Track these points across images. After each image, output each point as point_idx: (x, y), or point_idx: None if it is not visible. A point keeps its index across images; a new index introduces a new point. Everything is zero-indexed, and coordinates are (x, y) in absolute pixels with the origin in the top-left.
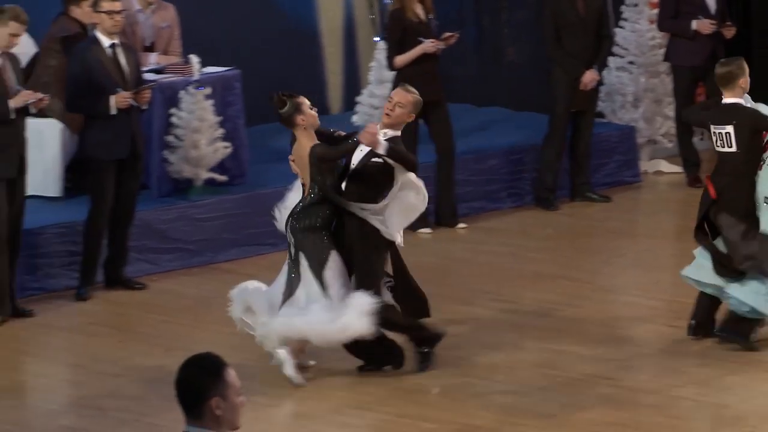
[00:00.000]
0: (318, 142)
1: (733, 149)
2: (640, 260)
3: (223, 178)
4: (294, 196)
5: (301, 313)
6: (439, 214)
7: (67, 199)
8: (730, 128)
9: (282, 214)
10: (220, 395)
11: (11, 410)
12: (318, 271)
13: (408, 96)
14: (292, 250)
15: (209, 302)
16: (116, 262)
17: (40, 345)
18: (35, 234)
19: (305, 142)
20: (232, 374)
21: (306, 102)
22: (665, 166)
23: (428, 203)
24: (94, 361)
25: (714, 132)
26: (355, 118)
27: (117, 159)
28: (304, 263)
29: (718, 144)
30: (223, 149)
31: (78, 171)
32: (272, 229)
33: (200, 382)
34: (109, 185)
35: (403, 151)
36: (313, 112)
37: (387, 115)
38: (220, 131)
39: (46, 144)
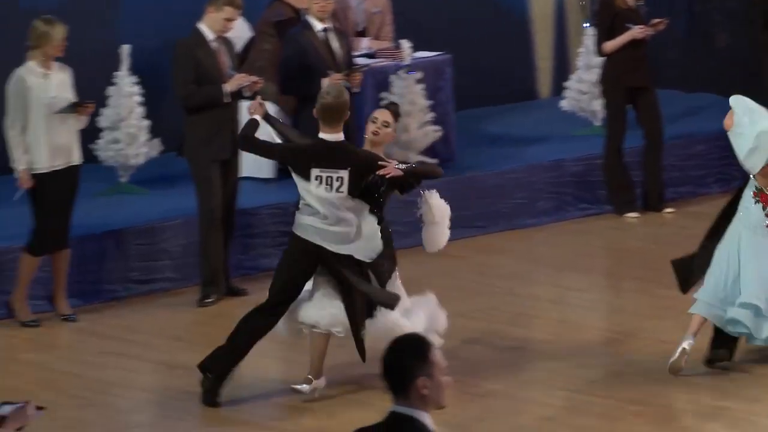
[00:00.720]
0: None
1: None
2: None
3: (432, 161)
4: None
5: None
6: (647, 198)
7: (280, 181)
8: None
9: None
10: (426, 375)
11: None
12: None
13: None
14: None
15: (418, 282)
16: None
17: None
18: (249, 214)
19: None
20: (437, 354)
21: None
22: None
23: (636, 188)
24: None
25: None
26: (563, 103)
27: None
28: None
29: None
30: (433, 133)
31: None
32: (482, 212)
33: (407, 363)
34: None
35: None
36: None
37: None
38: (430, 115)
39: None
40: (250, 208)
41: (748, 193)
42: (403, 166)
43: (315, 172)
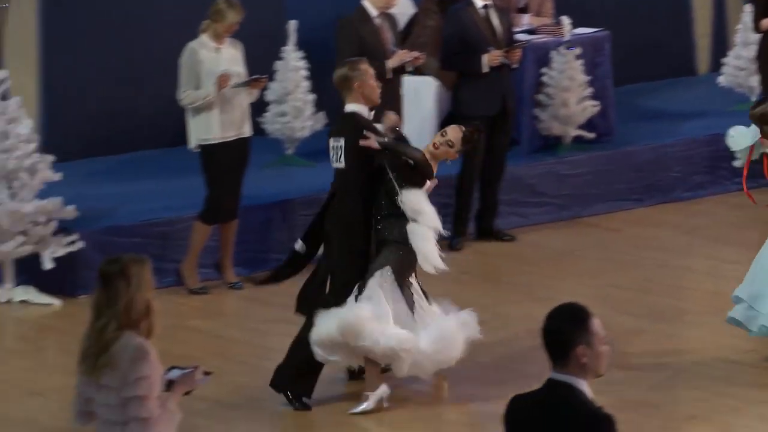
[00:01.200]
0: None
1: None
2: None
3: (591, 135)
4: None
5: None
6: None
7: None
8: None
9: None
10: (585, 343)
11: None
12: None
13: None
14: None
15: (573, 254)
16: (487, 214)
17: None
18: None
19: None
20: (597, 323)
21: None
22: None
23: None
24: (463, 307)
25: None
26: (720, 79)
27: (488, 115)
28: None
29: None
30: (592, 108)
31: None
32: (638, 185)
33: (567, 331)
34: (480, 141)
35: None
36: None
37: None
38: (589, 90)
39: (421, 100)
40: None
41: None
42: (383, 140)
43: (330, 142)
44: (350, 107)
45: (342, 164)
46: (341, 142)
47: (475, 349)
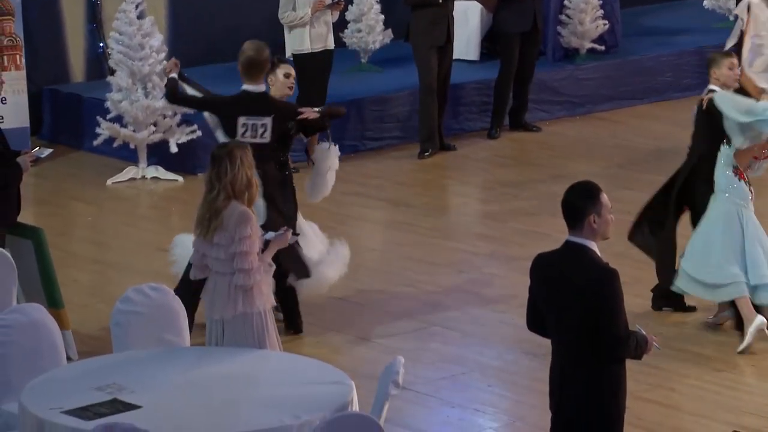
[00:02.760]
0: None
1: None
2: None
3: (601, 48)
4: None
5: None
6: None
7: (483, 62)
8: None
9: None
10: (596, 213)
11: (437, 220)
12: None
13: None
14: None
15: (587, 142)
16: (519, 110)
17: (459, 171)
18: (458, 88)
19: None
20: (605, 197)
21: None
22: None
23: None
24: (500, 185)
25: None
26: (705, 3)
27: (522, 31)
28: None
29: None
30: (602, 25)
31: (492, 40)
32: (639, 87)
33: (581, 203)
34: (515, 52)
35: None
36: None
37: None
38: (600, 11)
39: (468, 20)
40: (459, 83)
41: (726, 173)
42: (317, 110)
43: (242, 120)
44: (261, 88)
45: (266, 140)
46: (266, 120)
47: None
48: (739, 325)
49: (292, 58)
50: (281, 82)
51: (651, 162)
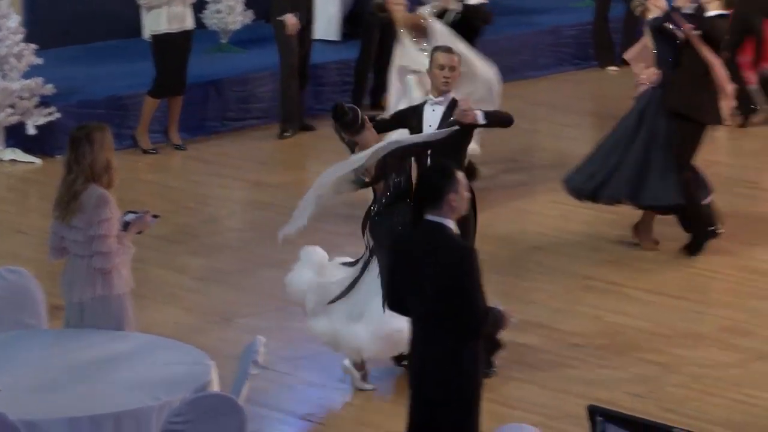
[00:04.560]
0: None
1: None
2: None
3: None
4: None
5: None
6: None
7: (344, 43)
8: None
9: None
10: (454, 191)
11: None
12: None
13: (454, 57)
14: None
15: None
16: (379, 90)
17: (320, 151)
18: (319, 68)
19: (372, 140)
20: (460, 174)
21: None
22: None
23: (616, 47)
24: None
25: None
26: None
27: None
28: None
29: None
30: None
31: (353, 22)
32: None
33: (441, 182)
34: (375, 33)
35: (493, 111)
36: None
37: (447, 83)
38: None
39: (329, 0)
40: (320, 64)
41: None
42: (482, 115)
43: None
44: None
45: None
46: None
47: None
48: None
49: (150, 39)
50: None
51: (506, 140)
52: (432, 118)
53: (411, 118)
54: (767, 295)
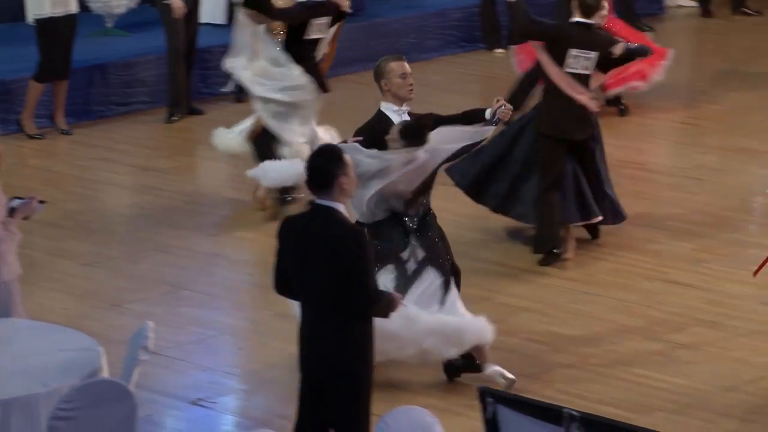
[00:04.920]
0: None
1: None
2: None
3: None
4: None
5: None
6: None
7: (231, 26)
8: None
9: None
10: (344, 174)
11: (187, 183)
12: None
13: (405, 62)
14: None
15: (335, 104)
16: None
17: (208, 135)
18: (206, 52)
19: None
20: (348, 157)
21: None
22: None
23: (503, 29)
24: None
25: None
26: None
27: None
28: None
29: None
30: None
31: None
32: (385, 49)
33: (330, 166)
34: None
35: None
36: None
37: (411, 90)
38: None
39: None
40: (207, 47)
41: None
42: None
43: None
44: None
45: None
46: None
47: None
48: None
49: (34, 24)
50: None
51: None
52: None
53: (381, 134)
54: (657, 276)
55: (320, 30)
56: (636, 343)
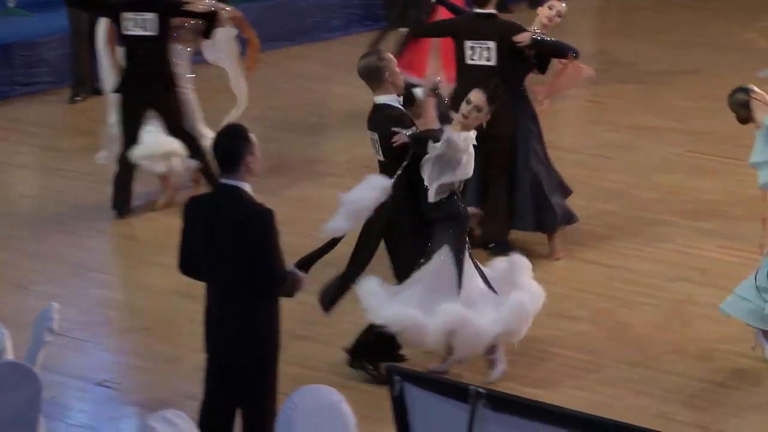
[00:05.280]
0: None
1: None
2: None
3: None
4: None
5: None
6: None
7: None
8: None
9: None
10: (250, 153)
11: (92, 163)
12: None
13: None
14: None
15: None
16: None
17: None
18: None
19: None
20: (253, 135)
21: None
22: None
23: None
24: None
25: None
26: None
27: None
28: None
29: None
30: None
31: None
32: (290, 28)
33: (237, 146)
34: None
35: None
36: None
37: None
38: None
39: None
40: None
41: None
42: (412, 133)
43: (369, 134)
44: (380, 99)
45: (381, 157)
46: (376, 136)
47: None
48: None
49: None
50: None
51: (305, 102)
52: None
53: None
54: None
55: (137, 25)
56: (541, 320)
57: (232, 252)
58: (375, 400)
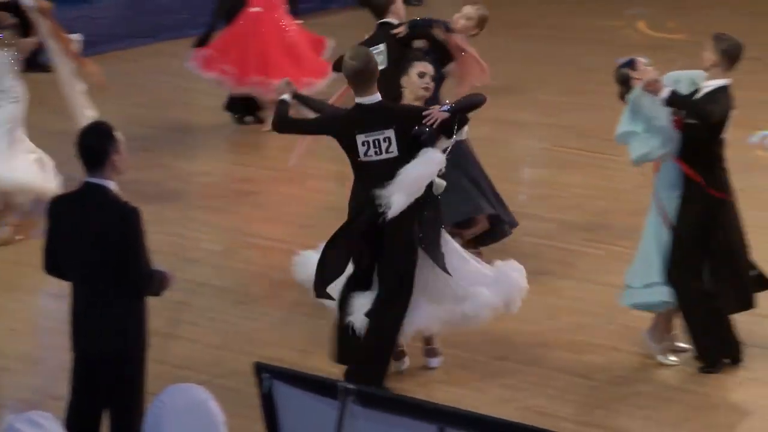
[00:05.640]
0: None
1: None
2: None
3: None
4: None
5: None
6: None
7: None
8: None
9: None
10: (116, 151)
11: None
12: None
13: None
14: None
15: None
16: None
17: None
18: None
19: None
20: (119, 133)
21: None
22: None
23: None
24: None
25: None
26: None
27: None
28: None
29: None
30: None
31: None
32: (155, 25)
33: (102, 144)
34: None
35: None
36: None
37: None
38: None
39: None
40: None
41: None
42: (447, 108)
43: (360, 138)
44: (376, 98)
45: (394, 153)
46: (386, 133)
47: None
48: None
49: None
50: (415, 84)
51: (170, 100)
52: None
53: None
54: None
55: None
56: None
57: (98, 251)
58: (244, 398)
